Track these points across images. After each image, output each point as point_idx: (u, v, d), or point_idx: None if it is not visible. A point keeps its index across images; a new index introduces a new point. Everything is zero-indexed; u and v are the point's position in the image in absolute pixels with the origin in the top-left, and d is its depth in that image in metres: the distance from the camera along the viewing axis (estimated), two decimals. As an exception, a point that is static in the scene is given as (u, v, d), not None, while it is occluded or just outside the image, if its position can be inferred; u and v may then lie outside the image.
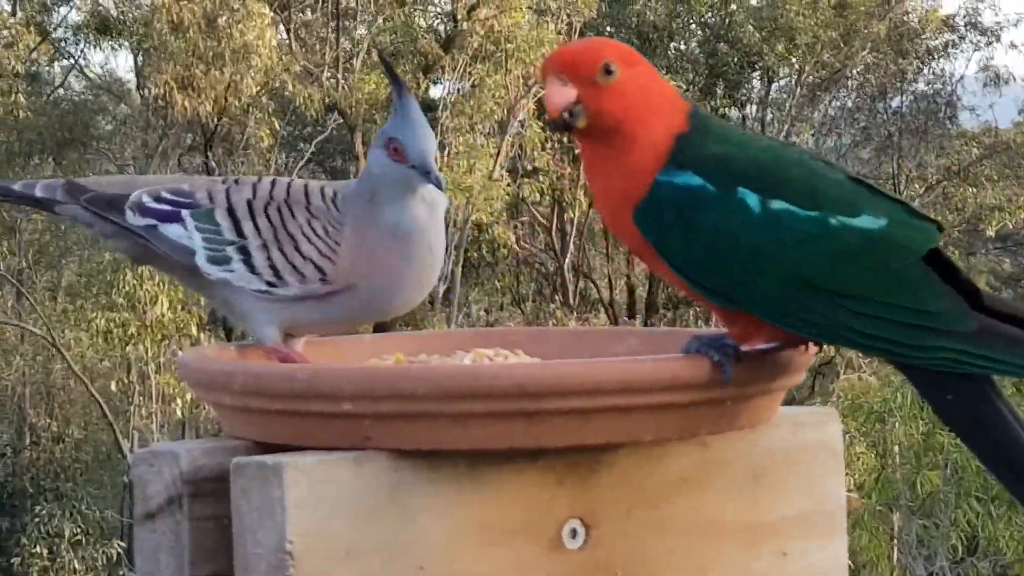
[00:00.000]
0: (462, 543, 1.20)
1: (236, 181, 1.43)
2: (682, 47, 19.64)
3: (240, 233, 1.39)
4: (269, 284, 1.38)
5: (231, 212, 1.40)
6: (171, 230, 1.40)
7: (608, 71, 1.25)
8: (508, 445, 1.19)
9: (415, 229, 1.37)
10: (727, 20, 18.94)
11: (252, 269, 1.38)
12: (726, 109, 19.51)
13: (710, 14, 19.19)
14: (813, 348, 1.32)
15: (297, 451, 1.19)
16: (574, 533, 1.25)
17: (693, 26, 19.75)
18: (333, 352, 1.46)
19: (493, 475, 1.21)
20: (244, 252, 1.39)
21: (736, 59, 18.80)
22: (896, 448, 10.86)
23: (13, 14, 17.44)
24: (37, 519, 16.02)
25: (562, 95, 1.25)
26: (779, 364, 1.29)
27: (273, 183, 1.41)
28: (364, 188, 1.40)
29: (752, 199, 1.24)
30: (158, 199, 1.41)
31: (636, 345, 1.45)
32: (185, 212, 1.40)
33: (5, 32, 16.38)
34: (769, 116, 19.87)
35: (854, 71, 19.46)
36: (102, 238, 1.47)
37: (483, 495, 1.21)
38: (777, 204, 1.24)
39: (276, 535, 1.15)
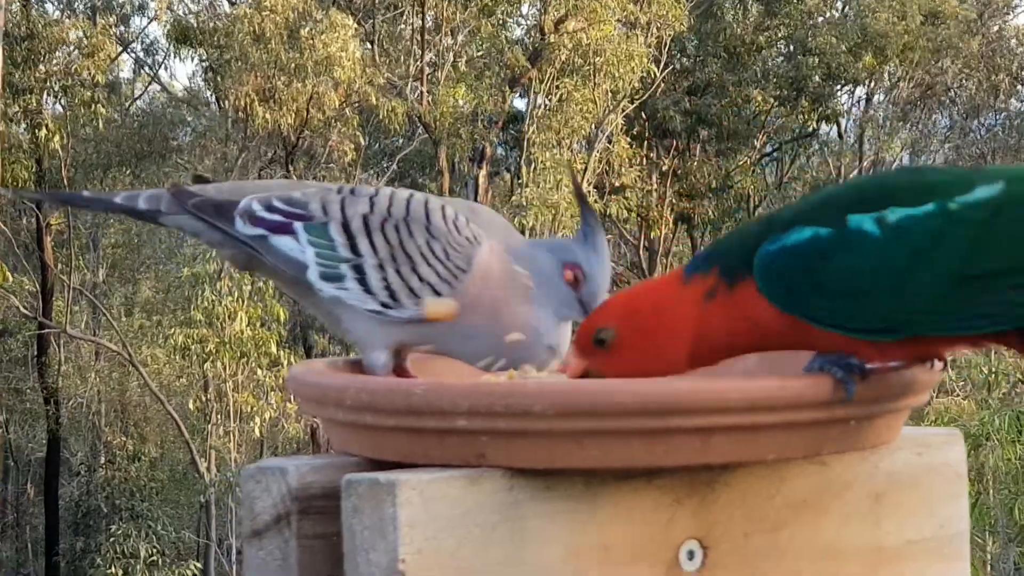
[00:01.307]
0: (578, 564, 1.16)
1: (352, 191, 1.37)
2: (769, 62, 19.53)
3: (356, 251, 1.34)
4: (383, 305, 1.33)
5: (346, 228, 1.34)
6: (283, 242, 1.35)
7: (600, 341, 1.25)
8: (625, 464, 1.16)
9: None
10: (810, 33, 18.79)
11: (367, 288, 1.33)
12: (813, 123, 19.36)
13: (795, 26, 19.05)
14: (939, 364, 1.27)
15: (410, 468, 1.17)
16: (691, 555, 1.21)
17: (781, 40, 19.64)
18: (444, 367, 1.43)
19: (609, 494, 1.18)
20: (359, 271, 1.33)
21: (819, 72, 18.65)
22: (992, 473, 10.67)
23: (94, 24, 17.56)
24: (112, 539, 16.08)
25: (571, 368, 1.29)
26: (904, 383, 1.24)
27: (391, 197, 1.35)
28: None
29: (866, 221, 1.18)
30: (270, 208, 1.36)
31: (753, 363, 1.41)
32: (298, 224, 1.35)
33: (86, 42, 16.49)
34: (859, 132, 19.69)
35: (948, 84, 19.25)
36: (209, 245, 1.43)
37: (599, 514, 1.17)
38: (892, 215, 1.18)
39: (388, 554, 1.13)
